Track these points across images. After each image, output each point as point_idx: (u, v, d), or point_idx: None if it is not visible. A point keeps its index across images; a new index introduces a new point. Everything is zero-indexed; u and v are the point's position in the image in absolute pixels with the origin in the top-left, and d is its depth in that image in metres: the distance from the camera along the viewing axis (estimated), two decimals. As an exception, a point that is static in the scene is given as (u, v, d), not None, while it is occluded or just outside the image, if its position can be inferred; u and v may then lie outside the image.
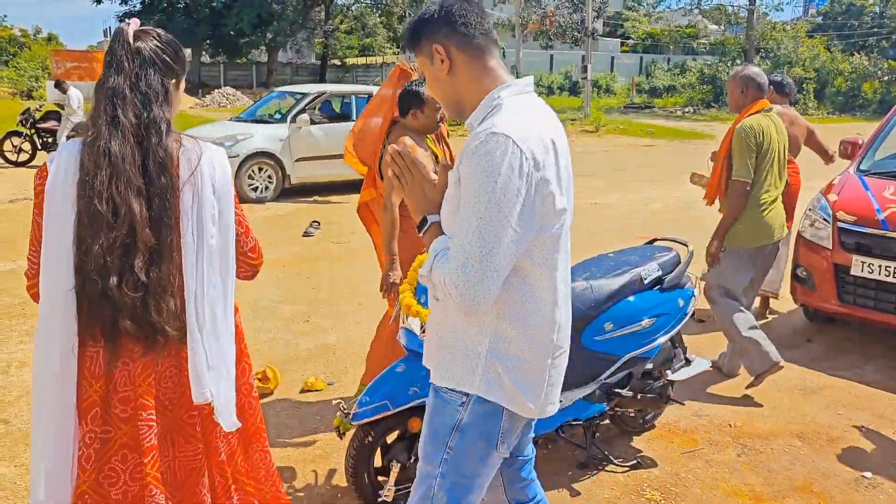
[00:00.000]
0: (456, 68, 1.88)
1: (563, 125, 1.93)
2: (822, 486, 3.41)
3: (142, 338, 1.90)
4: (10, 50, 43.43)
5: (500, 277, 1.76)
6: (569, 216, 1.92)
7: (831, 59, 35.58)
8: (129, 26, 1.96)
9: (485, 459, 2.00)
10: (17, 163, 13.52)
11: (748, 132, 4.11)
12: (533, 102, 1.90)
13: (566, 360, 2.07)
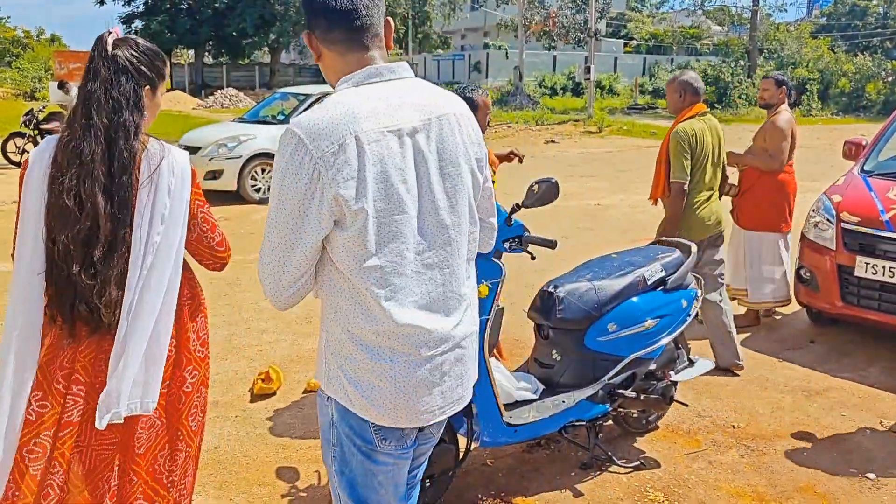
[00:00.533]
0: (323, 58, 1.83)
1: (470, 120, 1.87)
2: (825, 487, 3.40)
3: (90, 321, 2.09)
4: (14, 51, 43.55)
5: (289, 275, 1.71)
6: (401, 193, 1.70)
7: (835, 60, 35.52)
8: (109, 35, 2.14)
9: (371, 457, 1.84)
10: (21, 164, 13.56)
11: (682, 136, 4.29)
12: (380, 93, 1.73)
13: (434, 369, 1.77)
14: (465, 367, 1.86)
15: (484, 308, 2.93)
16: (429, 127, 1.75)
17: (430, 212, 1.75)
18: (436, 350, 1.77)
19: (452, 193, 1.78)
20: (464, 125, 1.83)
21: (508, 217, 3.08)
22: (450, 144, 1.78)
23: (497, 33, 49.18)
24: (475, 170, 1.86)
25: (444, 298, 1.79)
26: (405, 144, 1.71)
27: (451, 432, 3.10)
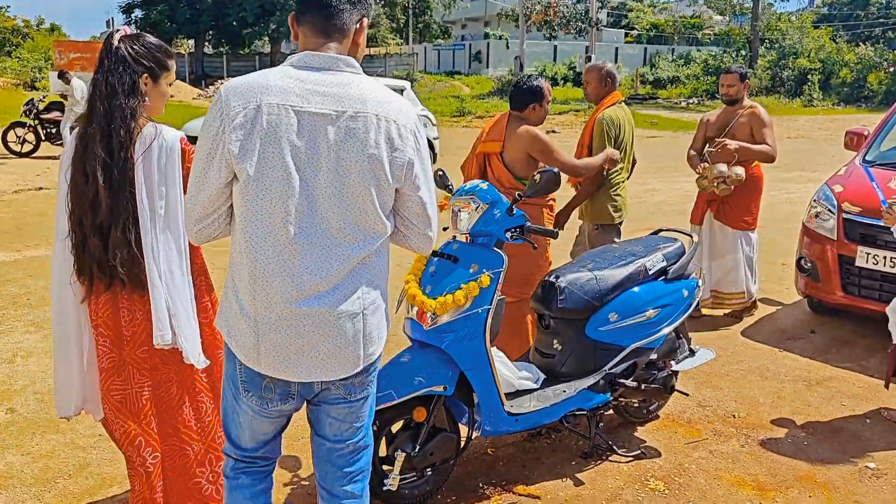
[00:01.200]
0: (297, 38, 2.01)
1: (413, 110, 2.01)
2: (825, 476, 3.41)
3: (103, 278, 2.47)
4: (14, 41, 43.37)
5: (197, 212, 1.94)
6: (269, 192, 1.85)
7: (837, 50, 35.42)
8: (118, 32, 2.49)
9: (237, 398, 2.09)
10: (22, 153, 13.54)
11: (610, 123, 4.40)
12: (305, 77, 1.89)
13: (285, 331, 1.92)
14: (338, 338, 1.95)
15: (485, 298, 2.94)
16: (339, 120, 1.86)
17: (313, 196, 1.88)
18: (282, 323, 1.92)
19: (344, 188, 1.88)
20: (384, 128, 1.89)
21: (510, 207, 3.08)
22: (357, 142, 1.87)
23: (498, 23, 49.01)
24: (386, 174, 1.91)
25: (310, 275, 1.90)
26: (304, 126, 1.85)
27: (452, 421, 3.11)
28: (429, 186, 2.04)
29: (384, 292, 2.07)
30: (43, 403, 3.96)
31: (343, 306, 1.94)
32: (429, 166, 2.03)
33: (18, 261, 6.76)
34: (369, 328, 2.00)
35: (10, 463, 3.37)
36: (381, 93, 1.94)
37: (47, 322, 5.18)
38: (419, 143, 1.98)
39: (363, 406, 2.14)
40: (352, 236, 1.93)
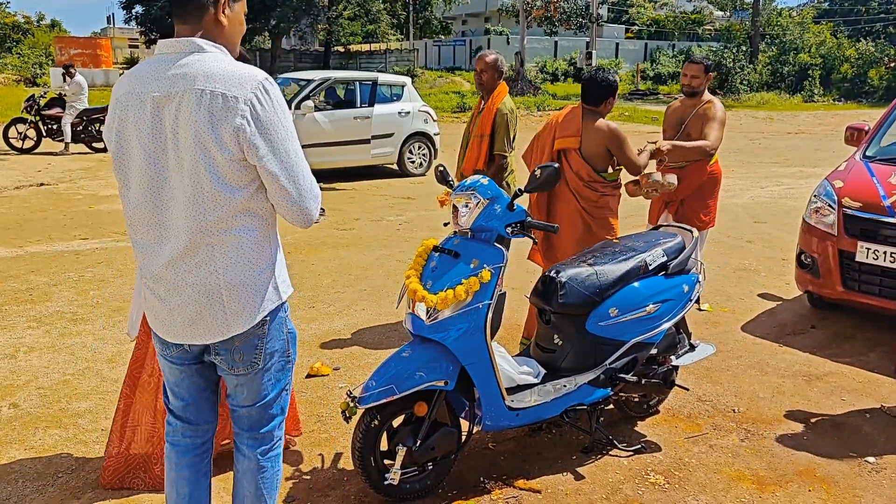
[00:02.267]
0: None
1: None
2: (825, 470, 3.42)
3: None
4: (14, 37, 43.29)
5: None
6: (133, 161, 2.07)
7: (837, 46, 35.35)
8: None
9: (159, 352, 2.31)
10: (23, 150, 13.54)
11: (511, 114, 4.59)
12: (155, 63, 2.04)
13: (156, 293, 2.14)
14: (197, 305, 2.09)
15: (486, 292, 2.95)
16: (179, 98, 1.96)
17: (164, 173, 2.03)
18: (156, 284, 2.13)
19: (184, 163, 2.00)
20: (206, 102, 1.95)
21: (511, 202, 3.09)
22: (191, 117, 1.95)
23: (498, 19, 48.94)
24: (215, 146, 1.96)
25: (174, 247, 2.06)
26: (146, 109, 2.01)
27: (453, 416, 3.12)
28: (279, 157, 2.02)
29: (258, 269, 2.11)
30: (46, 398, 3.97)
31: (202, 273, 2.06)
32: (280, 136, 2.02)
33: (20, 256, 6.77)
34: (232, 302, 2.09)
35: (12, 457, 3.39)
36: (214, 66, 1.98)
37: (49, 318, 5.19)
38: (256, 112, 1.97)
39: (255, 381, 2.23)
40: (205, 209, 2.02)
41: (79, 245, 7.27)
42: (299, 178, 2.07)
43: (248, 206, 2.07)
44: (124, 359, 4.50)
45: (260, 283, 2.12)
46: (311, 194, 2.12)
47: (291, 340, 2.31)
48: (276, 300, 2.18)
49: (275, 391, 2.29)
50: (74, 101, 13.61)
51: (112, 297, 5.67)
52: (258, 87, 1.98)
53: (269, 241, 2.16)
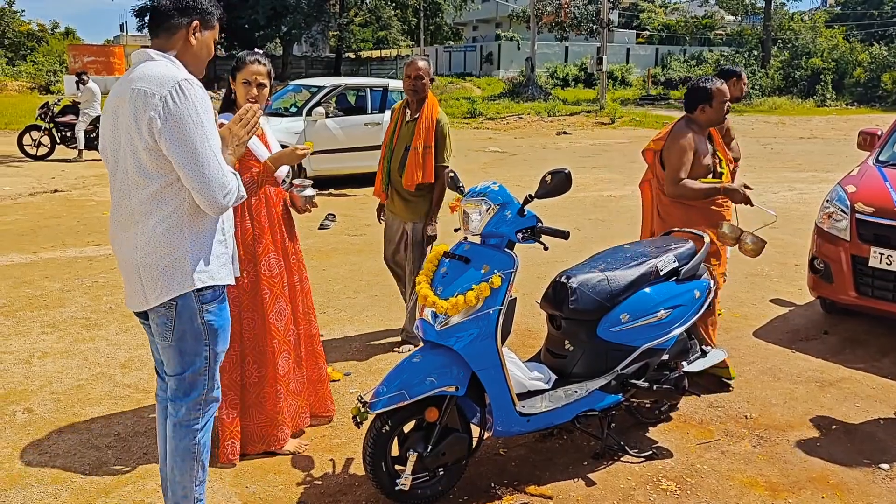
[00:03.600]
0: None
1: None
2: (838, 477, 3.40)
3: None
4: (29, 45, 43.77)
5: None
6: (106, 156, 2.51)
7: (850, 50, 35.17)
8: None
9: None
10: (37, 156, 13.66)
11: (448, 124, 4.60)
12: (129, 72, 2.43)
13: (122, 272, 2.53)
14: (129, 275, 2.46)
15: (497, 298, 2.95)
16: (126, 98, 2.33)
17: (117, 158, 2.42)
18: (115, 254, 2.51)
19: (121, 151, 2.39)
20: (133, 98, 2.30)
21: (521, 208, 3.09)
22: (125, 111, 2.34)
23: (509, 24, 48.97)
24: (136, 136, 2.31)
25: (116, 221, 2.46)
26: (112, 108, 2.42)
27: (464, 421, 3.13)
28: (185, 149, 2.27)
29: (168, 254, 2.37)
30: (59, 403, 4.00)
31: (128, 249, 2.42)
32: (186, 130, 2.27)
33: (34, 262, 6.83)
34: (146, 278, 2.39)
35: (27, 462, 3.42)
36: (150, 70, 2.34)
37: (63, 323, 5.23)
38: (172, 102, 2.26)
39: (168, 353, 2.51)
40: (130, 192, 2.39)
41: (92, 251, 7.32)
42: (204, 168, 2.29)
43: (164, 195, 2.35)
44: (137, 364, 4.54)
45: (170, 267, 2.37)
46: (216, 184, 2.32)
47: (209, 331, 2.50)
48: (186, 286, 2.40)
49: (188, 371, 2.52)
50: (87, 108, 13.73)
51: (125, 302, 5.71)
52: (175, 86, 2.28)
53: (184, 230, 2.39)
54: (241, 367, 3.41)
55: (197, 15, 2.43)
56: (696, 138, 4.07)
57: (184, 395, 2.55)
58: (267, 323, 3.41)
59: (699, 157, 4.06)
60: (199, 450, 2.60)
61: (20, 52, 41.01)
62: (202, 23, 2.45)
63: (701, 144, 4.09)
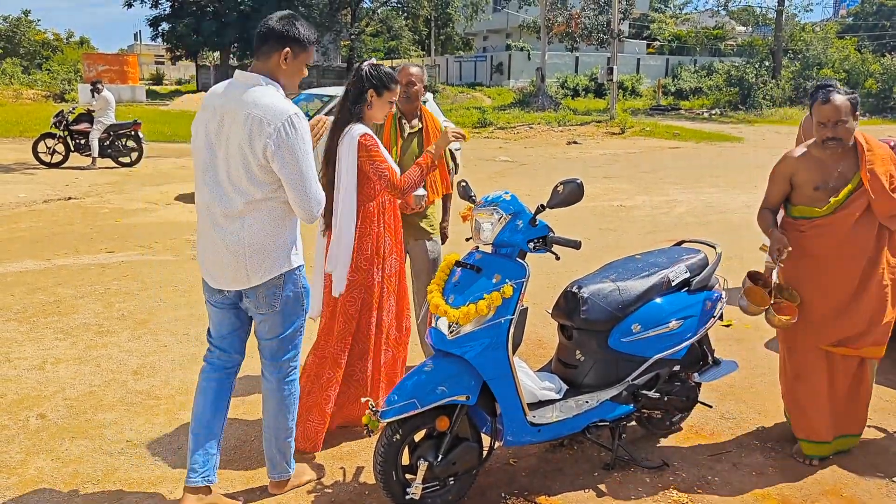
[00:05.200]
0: None
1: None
2: (851, 491, 3.38)
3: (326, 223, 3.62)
4: (44, 53, 44.23)
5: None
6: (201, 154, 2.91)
7: (862, 61, 35.05)
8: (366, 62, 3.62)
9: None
10: (51, 164, 13.78)
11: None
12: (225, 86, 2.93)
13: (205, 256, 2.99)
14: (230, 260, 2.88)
15: (508, 308, 2.96)
16: (236, 114, 2.77)
17: (216, 163, 2.85)
18: (202, 240, 2.99)
19: (230, 159, 2.81)
20: (250, 122, 2.74)
21: (533, 218, 3.10)
22: (239, 130, 2.76)
23: (519, 35, 49.10)
24: (249, 152, 2.76)
25: (212, 212, 2.88)
26: (216, 115, 2.84)
27: (474, 431, 3.13)
28: (290, 171, 2.76)
29: (269, 241, 2.87)
30: (72, 409, 4.03)
31: (233, 238, 2.85)
32: (294, 157, 2.76)
33: (48, 269, 6.89)
34: (253, 260, 2.87)
35: (40, 468, 3.44)
36: (262, 98, 2.77)
37: (76, 329, 5.27)
38: (284, 134, 2.73)
39: (273, 319, 3.00)
40: (234, 192, 2.82)
41: (105, 258, 7.38)
42: (304, 187, 2.80)
43: (270, 197, 2.83)
44: (149, 371, 4.56)
45: (275, 251, 2.89)
46: (313, 200, 2.84)
47: (305, 294, 3.06)
48: (286, 266, 2.93)
49: (289, 330, 3.05)
50: (101, 117, 13.85)
51: (137, 309, 5.75)
52: (287, 119, 2.74)
53: (282, 224, 2.90)
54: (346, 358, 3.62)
55: (290, 43, 2.84)
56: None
57: (283, 354, 3.09)
58: (380, 319, 3.61)
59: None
60: (295, 396, 3.20)
61: (35, 61, 41.45)
62: (293, 50, 2.85)
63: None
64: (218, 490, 3.11)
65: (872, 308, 3.44)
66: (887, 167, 3.42)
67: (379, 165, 3.43)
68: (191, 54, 41.94)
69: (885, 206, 3.36)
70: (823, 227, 3.44)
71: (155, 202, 10.66)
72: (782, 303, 3.55)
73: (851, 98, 3.39)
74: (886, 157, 3.44)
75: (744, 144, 21.40)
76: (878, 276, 3.42)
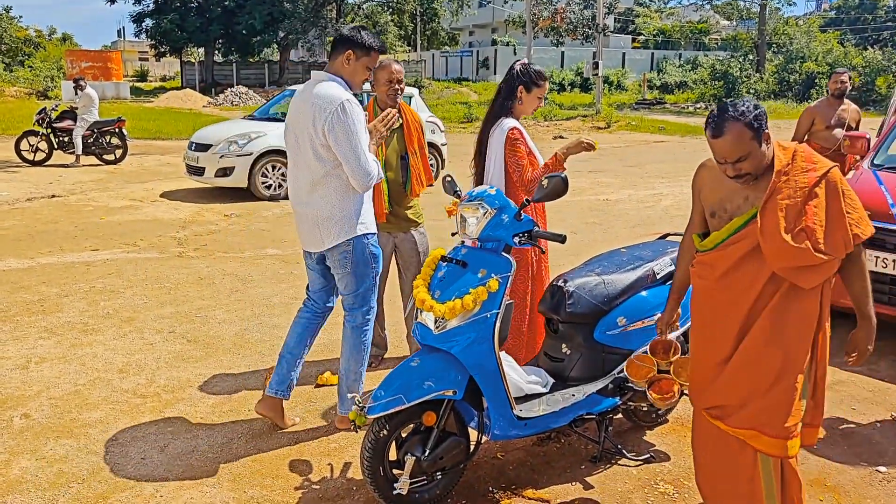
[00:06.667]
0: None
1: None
2: (835, 480, 3.41)
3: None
4: (26, 50, 43.78)
5: None
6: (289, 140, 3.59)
7: (844, 54, 35.31)
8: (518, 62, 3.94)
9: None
10: (34, 162, 13.65)
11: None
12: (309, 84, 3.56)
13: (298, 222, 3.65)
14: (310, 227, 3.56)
15: (494, 302, 2.96)
16: (308, 107, 3.39)
17: (296, 143, 3.51)
18: (296, 216, 3.65)
19: (302, 140, 3.46)
20: (313, 108, 3.36)
21: (518, 212, 3.10)
22: (306, 115, 3.40)
23: (505, 29, 49.10)
24: (313, 133, 3.38)
25: (301, 189, 3.53)
26: (296, 109, 3.52)
27: (461, 425, 3.13)
28: (342, 148, 3.32)
29: (336, 208, 3.44)
30: (57, 409, 4.00)
31: (311, 208, 3.50)
32: (348, 138, 3.30)
33: (32, 268, 6.83)
34: (325, 227, 3.48)
35: (24, 468, 3.41)
36: (323, 90, 3.39)
37: (60, 328, 5.23)
38: (335, 121, 3.31)
39: (348, 278, 3.59)
40: (307, 170, 3.47)
41: (89, 256, 7.32)
42: (355, 160, 3.34)
43: (331, 173, 3.41)
44: (135, 369, 4.54)
45: (341, 220, 3.46)
46: (363, 171, 3.36)
47: (373, 258, 3.60)
48: (355, 232, 3.48)
49: (361, 287, 3.63)
50: (85, 114, 13.73)
51: (122, 307, 5.71)
52: (339, 105, 3.31)
53: (347, 197, 3.45)
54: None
55: (353, 46, 3.43)
56: None
57: (359, 306, 3.66)
58: (533, 301, 3.82)
59: None
60: (367, 345, 3.72)
61: (17, 58, 41.01)
62: (355, 53, 3.44)
63: None
64: (285, 407, 3.87)
65: (755, 379, 2.61)
66: (806, 198, 2.52)
67: (518, 160, 3.72)
68: (175, 50, 41.63)
69: (773, 250, 2.50)
70: (705, 265, 2.73)
71: (140, 199, 10.59)
72: (662, 379, 3.18)
73: (753, 117, 2.48)
74: (807, 186, 2.52)
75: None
76: (781, 341, 2.59)
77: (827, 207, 2.52)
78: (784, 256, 2.50)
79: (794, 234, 2.49)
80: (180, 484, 3.31)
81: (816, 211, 2.51)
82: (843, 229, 2.52)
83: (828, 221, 2.51)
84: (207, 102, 30.18)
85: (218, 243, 8.03)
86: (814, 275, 2.55)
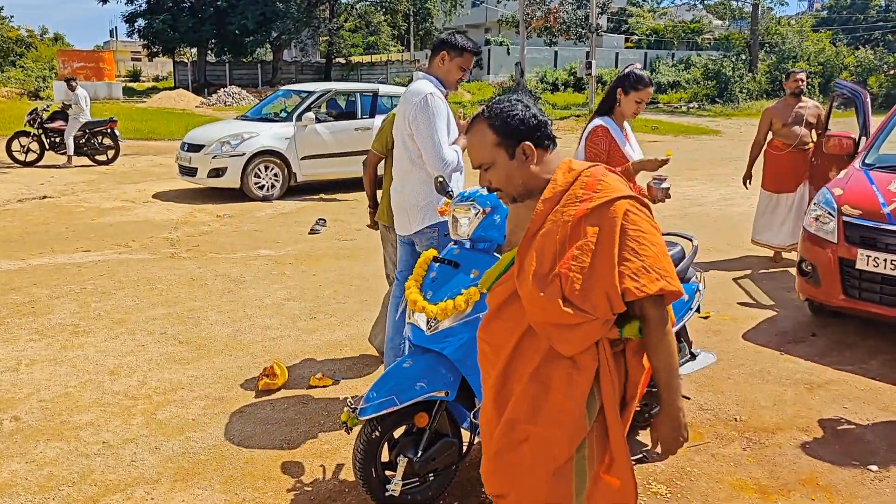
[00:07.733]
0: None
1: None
2: (827, 479, 3.42)
3: None
4: (18, 50, 43.53)
5: None
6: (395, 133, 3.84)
7: (836, 54, 35.46)
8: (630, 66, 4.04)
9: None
10: (26, 163, 13.58)
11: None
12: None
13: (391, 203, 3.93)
14: (400, 213, 3.85)
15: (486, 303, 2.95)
16: (403, 98, 3.71)
17: (398, 135, 3.77)
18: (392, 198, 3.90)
19: (398, 132, 3.75)
20: (409, 107, 3.61)
21: (510, 212, 3.09)
22: (401, 110, 3.69)
23: (498, 29, 49.09)
24: (406, 123, 3.64)
25: (398, 178, 3.83)
26: (399, 103, 3.76)
27: (454, 426, 3.12)
28: (422, 137, 3.56)
29: (420, 196, 3.69)
30: (47, 411, 3.98)
31: (401, 195, 3.79)
32: (427, 127, 3.53)
33: (23, 269, 6.79)
34: (412, 212, 3.74)
35: (14, 471, 3.39)
36: (415, 86, 3.67)
37: (51, 330, 5.20)
38: (418, 112, 3.56)
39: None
40: (399, 159, 3.79)
41: (81, 257, 7.29)
42: (432, 147, 3.56)
43: (416, 163, 3.67)
44: (126, 371, 4.51)
45: (426, 207, 3.69)
46: (439, 159, 3.55)
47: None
48: (437, 219, 3.66)
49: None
50: (77, 114, 13.67)
51: (114, 309, 5.68)
52: (422, 98, 3.57)
53: (428, 187, 3.62)
54: None
55: (447, 48, 3.71)
56: None
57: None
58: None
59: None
60: None
61: (9, 58, 40.77)
62: (448, 54, 3.71)
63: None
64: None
65: (515, 463, 2.13)
66: (568, 235, 1.98)
67: (593, 157, 3.85)
68: (168, 50, 41.47)
69: (528, 297, 2.02)
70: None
71: (132, 200, 10.54)
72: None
73: (504, 120, 2.06)
74: (572, 220, 1.99)
75: (721, 137, 21.57)
76: (540, 419, 2.05)
77: (595, 250, 1.93)
78: (533, 308, 2.00)
79: (544, 279, 1.96)
80: (172, 486, 3.29)
81: (578, 254, 1.93)
82: (607, 280, 1.90)
83: (591, 268, 1.92)
84: (200, 103, 30.08)
85: (210, 244, 8.01)
86: (573, 337, 1.96)
